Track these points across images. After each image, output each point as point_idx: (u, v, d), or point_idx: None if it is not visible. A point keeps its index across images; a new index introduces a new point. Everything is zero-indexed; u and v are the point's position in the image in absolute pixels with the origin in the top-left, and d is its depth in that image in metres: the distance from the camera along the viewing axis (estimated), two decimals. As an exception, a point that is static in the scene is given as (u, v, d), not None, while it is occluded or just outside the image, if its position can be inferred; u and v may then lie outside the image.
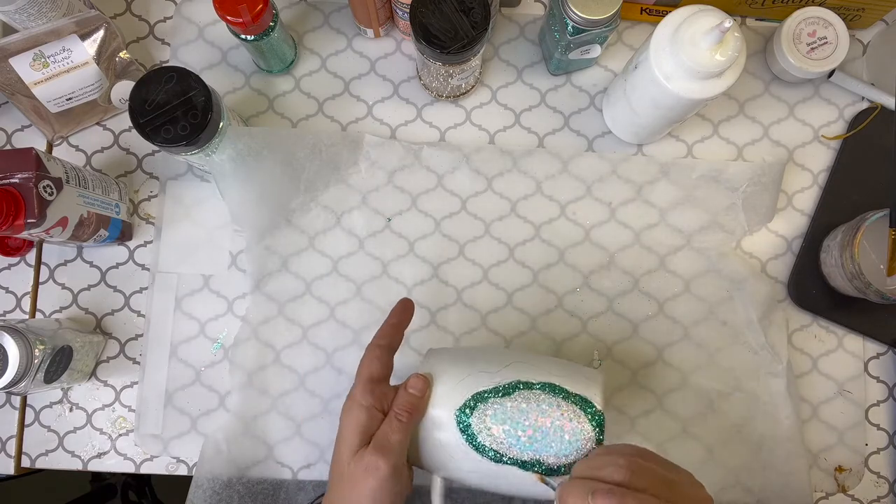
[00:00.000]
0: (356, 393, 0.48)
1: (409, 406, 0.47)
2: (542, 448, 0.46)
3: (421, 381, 0.48)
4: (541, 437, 0.46)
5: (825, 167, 0.66)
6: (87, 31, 0.59)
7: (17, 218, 0.51)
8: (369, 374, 0.48)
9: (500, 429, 0.47)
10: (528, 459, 0.47)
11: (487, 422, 0.47)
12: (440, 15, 0.53)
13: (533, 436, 0.46)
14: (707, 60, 0.49)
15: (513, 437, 0.47)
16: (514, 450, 0.47)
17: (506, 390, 0.47)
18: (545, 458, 0.46)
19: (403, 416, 0.47)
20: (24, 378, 0.54)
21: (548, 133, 0.66)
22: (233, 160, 0.59)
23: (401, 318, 0.51)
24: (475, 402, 0.47)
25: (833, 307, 0.63)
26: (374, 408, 0.47)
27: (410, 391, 0.47)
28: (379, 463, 0.45)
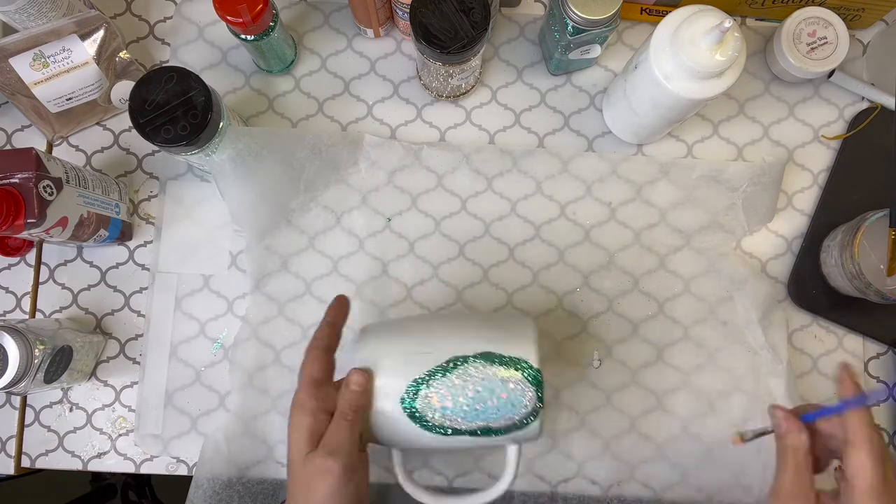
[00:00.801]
0: (300, 397, 0.48)
1: (354, 404, 0.48)
2: (488, 415, 0.48)
3: (361, 377, 0.48)
4: (484, 406, 0.48)
5: (825, 167, 0.66)
6: (87, 31, 0.59)
7: (17, 218, 0.51)
8: (310, 377, 0.49)
9: (444, 406, 0.48)
10: (477, 427, 0.48)
11: (432, 403, 0.48)
12: (440, 15, 0.53)
13: (477, 406, 0.48)
14: (707, 60, 0.49)
15: (458, 411, 0.48)
16: (463, 422, 0.48)
17: (443, 369, 0.48)
18: (492, 423, 0.48)
19: (350, 415, 0.47)
20: (24, 378, 0.54)
21: (548, 133, 0.66)
22: (233, 160, 0.59)
23: (336, 317, 0.52)
24: (416, 386, 0.48)
25: (833, 307, 0.63)
26: (318, 410, 0.47)
27: (353, 388, 0.48)
28: (329, 464, 0.45)
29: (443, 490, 0.52)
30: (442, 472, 0.62)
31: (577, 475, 0.62)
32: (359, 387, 0.48)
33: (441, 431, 0.49)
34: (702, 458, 0.62)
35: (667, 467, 0.62)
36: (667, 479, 0.62)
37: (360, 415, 0.48)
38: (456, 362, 0.48)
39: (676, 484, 0.62)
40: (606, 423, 0.62)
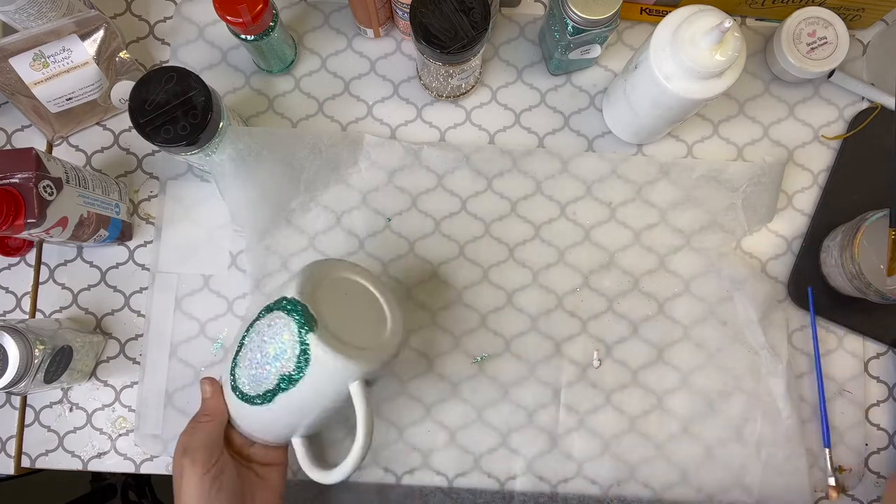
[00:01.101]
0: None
1: (204, 408, 0.51)
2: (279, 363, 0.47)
3: (206, 383, 0.52)
4: (273, 356, 0.47)
5: (825, 167, 0.66)
6: (87, 31, 0.59)
7: (17, 218, 0.51)
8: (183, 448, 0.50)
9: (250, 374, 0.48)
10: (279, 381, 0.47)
11: (243, 378, 0.49)
12: (440, 15, 0.53)
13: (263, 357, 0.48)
14: (707, 60, 0.49)
15: (259, 371, 0.48)
16: (268, 381, 0.47)
17: (240, 344, 0.50)
18: (286, 369, 0.46)
19: (202, 418, 0.51)
20: (24, 378, 0.54)
21: (548, 133, 0.66)
22: (233, 160, 0.59)
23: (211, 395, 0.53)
24: (232, 370, 0.50)
25: (833, 307, 0.63)
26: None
27: (203, 396, 0.52)
28: (185, 463, 0.48)
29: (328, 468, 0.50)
30: (442, 472, 0.62)
31: (577, 475, 0.62)
32: (206, 393, 0.52)
33: (262, 400, 0.48)
34: (702, 458, 0.62)
35: (667, 467, 0.62)
36: (667, 479, 0.62)
37: (217, 417, 0.51)
38: (248, 330, 0.50)
39: (676, 484, 0.62)
40: (606, 423, 0.62)
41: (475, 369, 0.63)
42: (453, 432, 0.62)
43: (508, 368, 0.63)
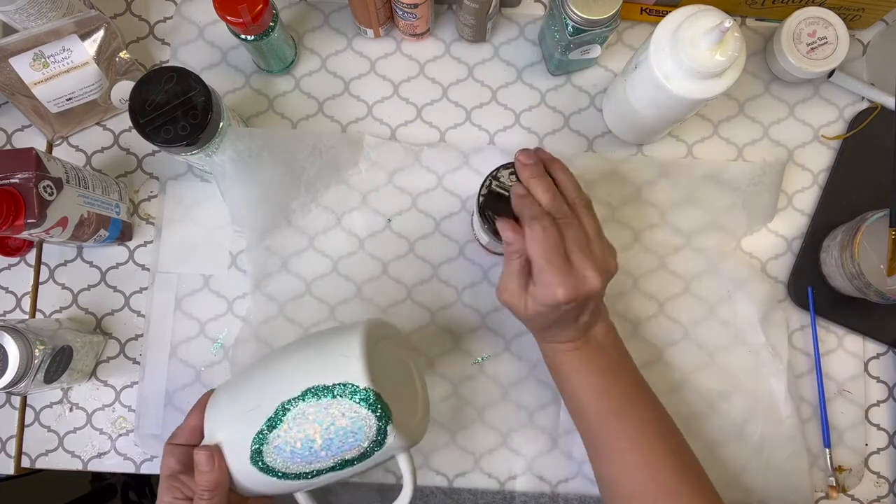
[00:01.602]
0: (160, 492, 0.50)
1: (208, 484, 0.47)
2: (337, 449, 0.46)
3: (205, 456, 0.47)
4: (329, 441, 0.46)
5: (825, 167, 0.66)
6: (87, 31, 0.59)
7: (17, 218, 0.51)
8: (167, 471, 0.50)
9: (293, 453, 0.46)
10: (335, 463, 0.46)
11: (279, 455, 0.46)
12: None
13: (323, 445, 0.46)
14: (707, 60, 0.49)
15: (307, 455, 0.46)
16: (317, 463, 0.46)
17: (276, 419, 0.46)
18: (346, 455, 0.46)
19: (205, 496, 0.47)
20: (24, 378, 0.54)
21: (548, 133, 0.66)
22: (233, 161, 0.59)
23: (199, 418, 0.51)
24: (258, 444, 0.46)
25: (833, 307, 0.63)
26: (176, 500, 0.49)
27: (202, 470, 0.47)
28: None
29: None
30: (442, 472, 0.62)
31: (577, 475, 0.62)
32: (206, 467, 0.47)
33: (302, 477, 0.47)
34: (702, 457, 0.62)
35: (667, 467, 0.62)
36: (667, 479, 0.62)
37: (219, 490, 0.47)
38: (286, 408, 0.46)
39: (676, 484, 0.62)
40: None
41: (475, 370, 0.63)
42: (453, 432, 0.62)
43: (508, 368, 0.63)
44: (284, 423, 0.46)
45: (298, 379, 0.47)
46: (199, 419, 0.51)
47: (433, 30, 0.67)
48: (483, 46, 0.67)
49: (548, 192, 0.50)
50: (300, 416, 0.46)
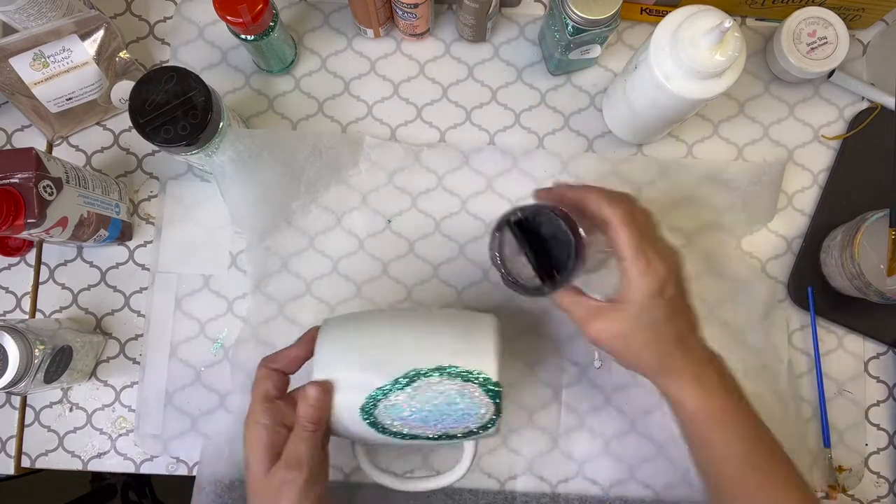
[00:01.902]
0: (254, 414, 0.48)
1: (312, 417, 0.47)
2: (447, 424, 0.49)
3: (319, 392, 0.48)
4: (443, 416, 0.48)
5: (825, 167, 0.66)
6: (87, 31, 0.59)
7: (17, 218, 0.51)
8: (264, 394, 0.49)
9: (403, 416, 0.48)
10: (435, 434, 0.49)
11: (391, 413, 0.48)
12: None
13: (435, 416, 0.48)
14: (707, 60, 0.49)
15: (417, 420, 0.48)
16: (422, 429, 0.49)
17: (403, 383, 0.48)
18: (451, 430, 0.49)
19: (309, 428, 0.47)
20: (24, 378, 0.54)
21: (548, 133, 0.66)
22: (233, 162, 0.59)
23: (305, 351, 0.51)
24: (375, 399, 0.48)
25: (833, 307, 0.63)
26: (274, 424, 0.48)
27: (310, 403, 0.47)
28: (293, 476, 0.46)
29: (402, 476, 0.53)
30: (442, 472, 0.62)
31: (577, 475, 0.62)
32: (316, 402, 0.48)
33: (402, 437, 0.49)
34: (702, 458, 0.62)
35: (667, 467, 0.62)
36: (667, 479, 0.62)
37: (320, 426, 0.48)
38: (415, 375, 0.48)
39: (677, 484, 0.62)
40: (606, 423, 0.62)
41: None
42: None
43: (509, 369, 0.63)
44: (409, 389, 0.48)
45: (436, 354, 0.49)
46: (304, 351, 0.51)
47: (433, 30, 0.67)
48: (483, 46, 0.67)
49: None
50: (425, 387, 0.48)
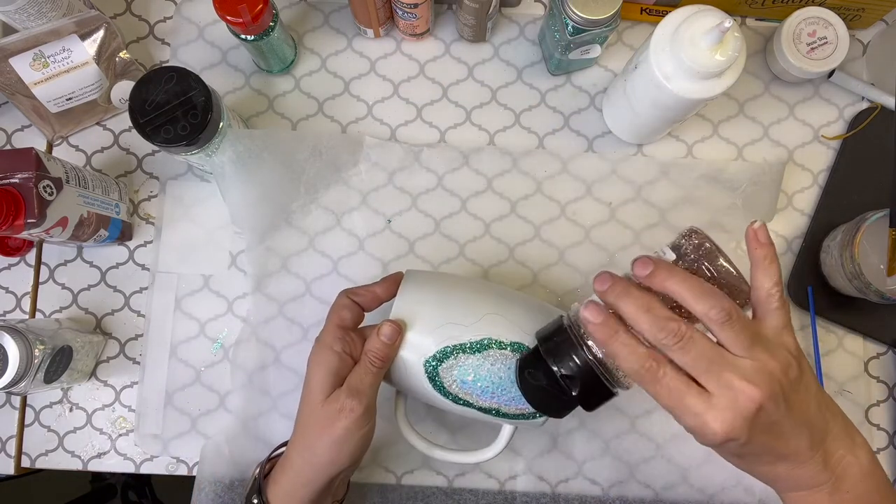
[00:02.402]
0: (326, 338, 0.49)
1: (382, 353, 0.48)
2: (503, 399, 0.49)
3: (393, 330, 0.48)
4: (503, 390, 0.49)
5: (825, 167, 0.66)
6: (87, 31, 0.59)
7: (17, 218, 0.51)
8: (340, 321, 0.50)
9: (465, 380, 0.49)
10: (488, 406, 0.49)
11: (454, 373, 0.49)
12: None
13: (496, 388, 0.49)
14: (707, 60, 0.49)
15: (476, 388, 0.49)
16: (476, 398, 0.49)
17: (476, 347, 0.48)
18: (504, 407, 0.49)
19: (377, 363, 0.48)
20: (24, 378, 0.54)
21: (548, 133, 0.66)
22: (233, 162, 0.59)
23: (387, 293, 0.52)
24: (444, 354, 0.48)
25: (833, 307, 0.63)
26: (344, 353, 0.48)
27: (383, 339, 0.48)
28: (353, 405, 0.46)
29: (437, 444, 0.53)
30: (442, 472, 0.62)
31: (577, 475, 0.62)
32: (389, 339, 0.48)
33: (454, 399, 0.49)
34: (702, 458, 0.62)
35: (667, 467, 0.62)
36: (667, 479, 0.62)
37: (387, 365, 0.49)
38: (489, 345, 0.48)
39: (677, 484, 0.62)
40: (606, 423, 0.62)
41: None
42: (454, 431, 0.62)
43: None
44: (478, 355, 0.48)
45: (511, 328, 0.49)
46: (386, 292, 0.52)
47: (433, 30, 0.67)
48: (483, 46, 0.67)
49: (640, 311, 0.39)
50: (494, 357, 0.48)
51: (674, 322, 0.38)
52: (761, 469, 0.42)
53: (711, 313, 0.38)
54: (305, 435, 0.48)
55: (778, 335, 0.41)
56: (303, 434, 0.48)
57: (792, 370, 0.40)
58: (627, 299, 0.39)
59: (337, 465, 0.48)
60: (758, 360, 0.38)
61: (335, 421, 0.47)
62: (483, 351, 0.48)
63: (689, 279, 0.39)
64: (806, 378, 0.41)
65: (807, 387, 0.41)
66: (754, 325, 0.40)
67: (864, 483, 0.41)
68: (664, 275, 0.40)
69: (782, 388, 0.39)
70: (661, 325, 0.38)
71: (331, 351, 0.48)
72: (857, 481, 0.41)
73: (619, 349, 0.39)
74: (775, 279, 0.42)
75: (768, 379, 0.38)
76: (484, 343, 0.48)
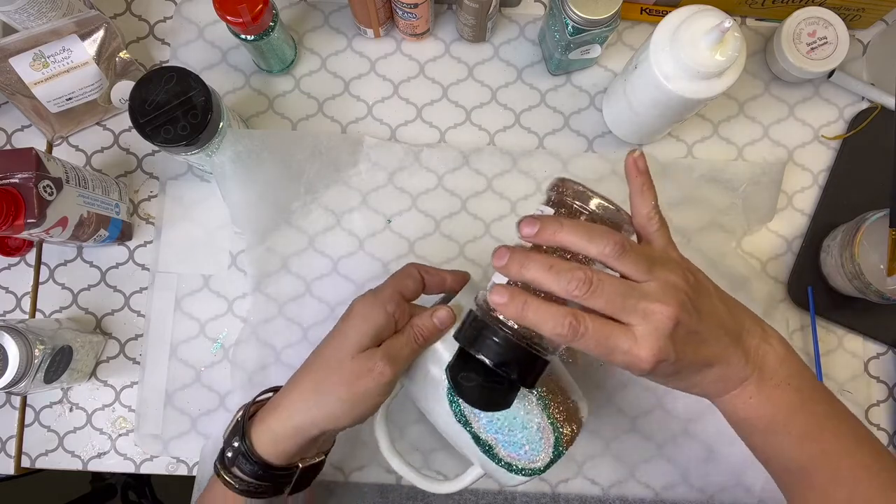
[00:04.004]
0: (384, 295, 0.47)
1: (429, 332, 0.47)
2: (503, 438, 0.48)
3: (448, 317, 0.47)
4: (508, 431, 0.48)
5: (825, 167, 0.66)
6: (87, 31, 0.59)
7: (17, 218, 0.51)
8: (402, 287, 0.48)
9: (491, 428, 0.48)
10: (484, 439, 0.48)
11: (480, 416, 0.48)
12: None
13: (502, 426, 0.48)
14: (707, 60, 0.49)
15: (485, 416, 0.48)
16: (480, 426, 0.48)
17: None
18: (498, 446, 0.48)
19: (420, 339, 0.47)
20: (24, 378, 0.54)
21: (548, 133, 0.66)
22: (233, 162, 0.59)
23: (454, 284, 0.51)
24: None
25: (833, 307, 0.63)
26: (393, 317, 0.47)
27: (435, 321, 0.47)
28: (386, 370, 0.45)
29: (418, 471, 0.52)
30: (442, 472, 0.62)
31: (577, 475, 0.62)
32: (441, 324, 0.47)
33: (456, 413, 0.48)
34: (702, 458, 0.62)
35: (667, 467, 0.62)
36: (667, 479, 0.62)
37: (428, 344, 0.48)
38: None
39: (677, 484, 0.62)
40: (606, 423, 0.62)
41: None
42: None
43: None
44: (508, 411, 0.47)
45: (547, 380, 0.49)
46: (454, 283, 0.51)
47: (433, 30, 0.67)
48: (483, 46, 0.67)
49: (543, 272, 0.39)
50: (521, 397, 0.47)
51: (579, 271, 0.39)
52: (695, 380, 0.43)
53: (606, 250, 0.39)
54: (319, 381, 0.46)
55: (666, 252, 0.43)
56: (314, 379, 0.46)
57: (690, 278, 0.41)
58: (529, 264, 0.40)
59: (339, 421, 0.46)
60: (659, 280, 0.40)
61: (360, 378, 0.45)
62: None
63: (576, 225, 0.40)
64: (704, 283, 0.43)
65: (707, 291, 0.43)
66: (646, 249, 0.42)
67: (783, 367, 0.44)
68: (553, 228, 0.40)
69: (689, 297, 0.40)
70: (569, 278, 0.38)
71: (383, 309, 0.46)
72: (776, 367, 0.44)
73: (535, 318, 0.39)
74: (652, 203, 0.45)
75: (674, 293, 0.40)
76: None
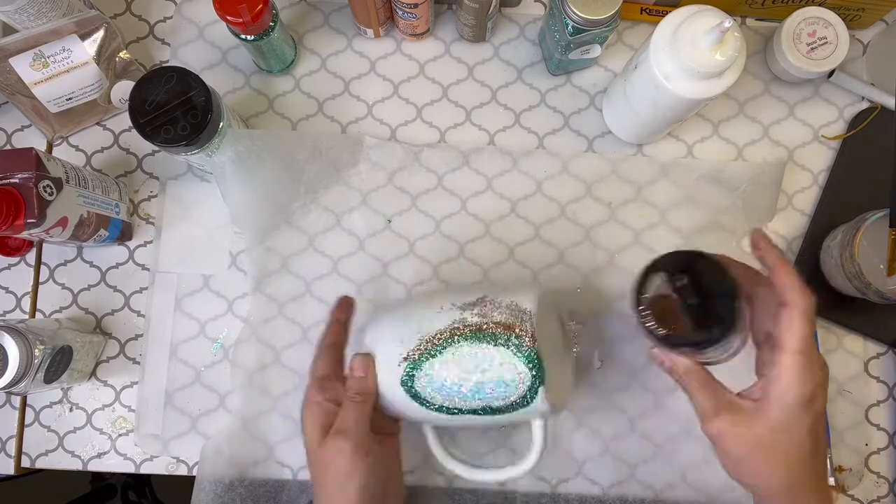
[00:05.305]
0: (309, 394, 0.51)
1: (359, 388, 0.50)
2: (485, 394, 0.48)
3: (362, 362, 0.50)
4: (479, 385, 0.48)
5: (825, 167, 0.66)
6: (87, 31, 0.59)
7: (17, 218, 0.51)
8: (318, 374, 0.51)
9: (442, 386, 0.49)
10: (478, 407, 0.49)
11: (429, 383, 0.49)
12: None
13: (472, 386, 0.48)
14: (707, 60, 0.49)
15: (455, 392, 0.48)
16: (462, 402, 0.49)
17: (433, 352, 0.48)
18: (492, 402, 0.48)
19: (357, 398, 0.49)
20: (24, 378, 0.54)
21: (548, 133, 0.66)
22: (233, 162, 0.59)
23: (347, 315, 0.54)
24: (412, 368, 0.49)
25: (833, 307, 0.63)
26: (326, 402, 0.50)
27: (356, 374, 0.50)
28: (339, 444, 0.47)
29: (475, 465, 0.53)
30: (442, 472, 0.62)
31: (577, 475, 0.62)
32: (361, 372, 0.50)
33: (444, 411, 0.49)
34: (702, 458, 0.62)
35: (667, 467, 0.62)
36: (667, 479, 0.62)
37: (368, 397, 0.50)
38: (449, 340, 0.48)
39: (677, 484, 0.62)
40: (606, 423, 0.62)
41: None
42: (454, 431, 0.62)
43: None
44: (442, 356, 0.48)
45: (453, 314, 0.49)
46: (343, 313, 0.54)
47: (433, 30, 0.67)
48: (483, 46, 0.67)
49: None
50: (459, 354, 0.48)
51: None
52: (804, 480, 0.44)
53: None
54: (315, 485, 0.49)
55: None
56: (314, 484, 0.50)
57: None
58: None
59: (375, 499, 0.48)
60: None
61: (330, 464, 0.48)
62: (441, 353, 0.48)
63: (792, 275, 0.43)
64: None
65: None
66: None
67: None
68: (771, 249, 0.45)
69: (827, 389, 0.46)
70: None
71: (314, 403, 0.50)
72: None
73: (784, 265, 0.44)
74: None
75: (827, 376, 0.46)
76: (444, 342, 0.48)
